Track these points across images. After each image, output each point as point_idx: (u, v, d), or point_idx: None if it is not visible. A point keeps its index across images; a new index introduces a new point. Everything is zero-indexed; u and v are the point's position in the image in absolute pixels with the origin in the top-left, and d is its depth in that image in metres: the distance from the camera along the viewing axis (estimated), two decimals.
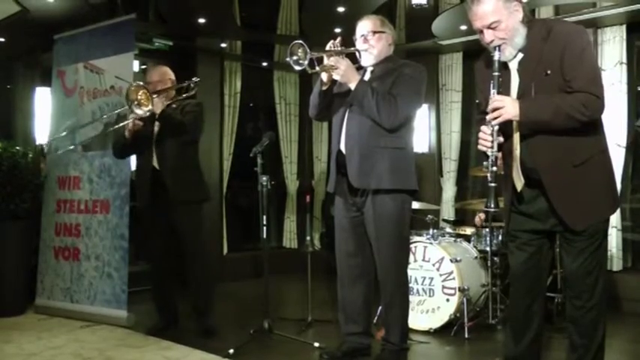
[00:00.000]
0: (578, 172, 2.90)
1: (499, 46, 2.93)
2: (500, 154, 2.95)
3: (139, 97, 4.57)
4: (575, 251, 2.97)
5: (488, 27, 2.93)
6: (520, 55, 3.00)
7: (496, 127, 2.89)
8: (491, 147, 2.89)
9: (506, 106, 2.86)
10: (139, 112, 4.56)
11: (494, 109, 2.88)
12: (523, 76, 2.98)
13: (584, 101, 2.78)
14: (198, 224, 4.97)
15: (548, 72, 2.88)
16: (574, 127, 2.84)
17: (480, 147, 2.98)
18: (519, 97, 2.94)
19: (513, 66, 3.03)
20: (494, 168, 2.90)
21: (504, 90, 2.97)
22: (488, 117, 2.91)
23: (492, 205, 2.91)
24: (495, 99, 2.89)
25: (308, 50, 3.63)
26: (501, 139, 2.92)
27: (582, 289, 2.98)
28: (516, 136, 2.98)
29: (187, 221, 4.88)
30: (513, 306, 3.28)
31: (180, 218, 4.85)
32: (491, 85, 2.93)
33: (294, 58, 3.67)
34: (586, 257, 2.95)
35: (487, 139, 2.92)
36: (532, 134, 2.93)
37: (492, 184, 2.90)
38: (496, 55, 2.93)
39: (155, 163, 4.84)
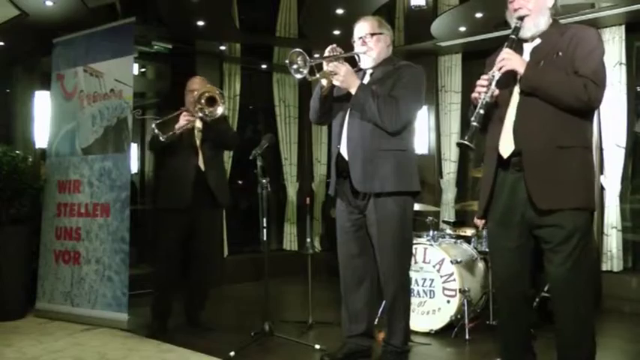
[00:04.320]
0: (560, 154, 2.94)
1: (522, 18, 3.06)
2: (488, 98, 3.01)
3: (217, 95, 4.89)
4: (554, 256, 2.96)
5: None
6: (537, 41, 3.11)
7: (497, 75, 2.99)
8: (486, 92, 2.99)
9: (513, 58, 2.99)
10: (220, 110, 4.87)
11: (502, 59, 3.00)
12: (534, 57, 3.08)
13: (586, 84, 2.88)
14: (219, 227, 5.16)
15: (560, 54, 2.99)
16: (569, 106, 2.91)
17: (473, 94, 3.09)
18: None
19: (527, 50, 3.13)
20: (482, 111, 2.98)
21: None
22: (495, 64, 3.02)
23: (467, 139, 2.95)
24: (506, 51, 3.02)
25: (308, 58, 3.63)
26: (497, 91, 3.01)
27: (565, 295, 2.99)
28: (513, 101, 3.05)
29: (214, 223, 5.21)
30: (499, 309, 3.31)
31: (208, 220, 5.09)
32: (505, 45, 3.05)
33: (294, 66, 3.67)
34: (564, 259, 2.93)
35: (484, 84, 3.02)
36: (527, 108, 2.99)
37: (475, 124, 2.98)
38: (518, 24, 3.07)
39: (201, 164, 4.96)
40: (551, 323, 4.50)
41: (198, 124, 5.00)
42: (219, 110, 4.87)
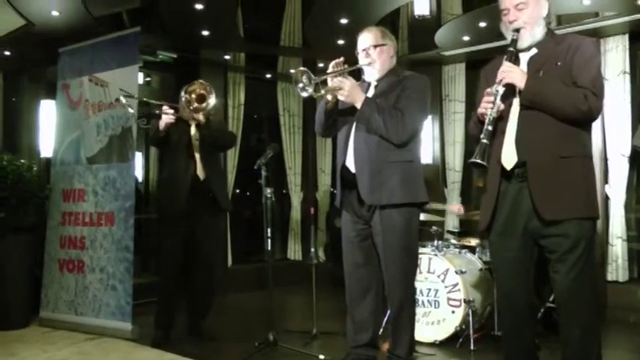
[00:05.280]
0: (562, 163, 2.95)
1: (518, 30, 3.08)
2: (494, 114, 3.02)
3: (203, 91, 4.91)
4: (561, 266, 2.96)
5: (515, 6, 3.09)
6: (534, 51, 3.12)
7: (501, 90, 3.01)
8: (492, 107, 3.01)
9: (513, 71, 3.01)
10: (212, 100, 4.89)
11: (503, 72, 3.02)
12: (532, 67, 3.09)
13: (585, 94, 2.90)
14: (221, 234, 5.17)
15: (559, 63, 3.01)
16: (569, 117, 2.93)
17: (479, 110, 3.11)
18: None
19: (524, 59, 3.14)
20: (490, 127, 3.00)
21: None
22: (497, 79, 3.03)
23: (479, 158, 2.96)
24: (506, 64, 3.04)
25: (312, 76, 3.62)
26: (502, 106, 3.02)
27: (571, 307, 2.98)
28: (514, 113, 3.05)
29: (217, 229, 5.23)
30: (503, 320, 3.31)
31: (210, 226, 5.10)
32: (505, 58, 3.07)
33: (300, 85, 3.66)
34: (570, 268, 2.93)
35: (490, 99, 3.03)
36: (528, 119, 3.00)
37: (485, 141, 2.98)
38: (515, 35, 3.09)
39: (200, 173, 4.95)
40: (556, 333, 4.49)
41: (193, 130, 4.99)
42: (212, 101, 4.89)
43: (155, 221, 7.35)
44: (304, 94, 3.66)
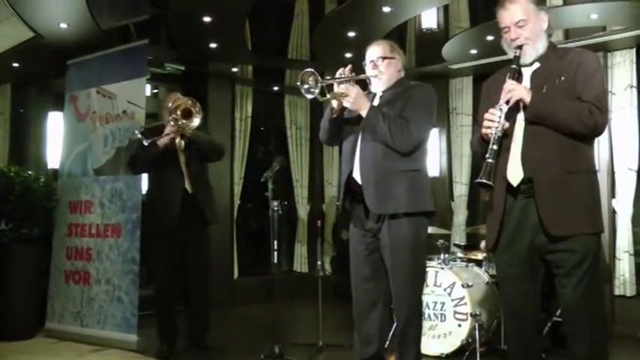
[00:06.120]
0: (569, 179, 2.93)
1: (521, 46, 3.05)
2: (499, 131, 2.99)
3: (191, 107, 4.86)
4: (567, 280, 2.94)
5: (516, 24, 3.07)
6: (536, 65, 3.10)
7: (505, 109, 2.98)
8: (496, 126, 2.98)
9: (518, 89, 2.98)
10: (196, 121, 4.84)
11: (508, 91, 2.99)
12: (535, 81, 3.07)
13: (590, 109, 2.88)
14: (209, 243, 5.22)
15: (562, 78, 2.99)
16: (576, 132, 2.91)
17: (483, 130, 3.06)
18: None
19: (527, 74, 3.11)
20: (495, 147, 2.97)
21: None
22: (501, 98, 3.00)
23: (485, 178, 2.93)
24: (510, 82, 3.01)
25: (319, 78, 3.62)
26: (507, 124, 3.00)
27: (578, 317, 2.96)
28: (518, 129, 3.03)
29: (205, 241, 5.13)
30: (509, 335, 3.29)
31: (199, 238, 5.06)
32: (508, 76, 3.04)
33: (305, 86, 3.66)
34: (577, 283, 2.91)
35: (494, 119, 2.99)
36: (533, 135, 2.97)
37: (490, 160, 2.95)
38: (517, 52, 3.06)
39: (187, 186, 4.92)
40: (564, 348, 4.46)
41: (178, 139, 4.95)
42: (196, 122, 4.86)
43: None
44: (309, 96, 3.65)
